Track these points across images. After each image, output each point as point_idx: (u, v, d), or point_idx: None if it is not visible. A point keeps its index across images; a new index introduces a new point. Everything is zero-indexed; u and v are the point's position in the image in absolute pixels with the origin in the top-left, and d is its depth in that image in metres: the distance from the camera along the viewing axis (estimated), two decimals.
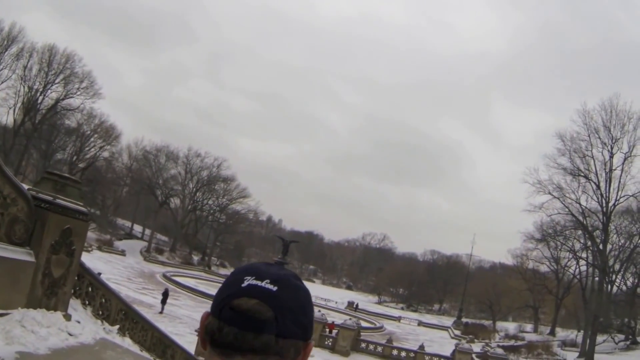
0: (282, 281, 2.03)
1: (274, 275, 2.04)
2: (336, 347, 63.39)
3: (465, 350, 63.55)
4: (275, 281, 2.01)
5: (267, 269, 2.09)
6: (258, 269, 2.09)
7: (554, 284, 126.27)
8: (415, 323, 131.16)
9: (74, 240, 23.05)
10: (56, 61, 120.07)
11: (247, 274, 2.05)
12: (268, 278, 2.02)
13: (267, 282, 2.00)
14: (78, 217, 23.24)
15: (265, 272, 2.06)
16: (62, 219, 22.47)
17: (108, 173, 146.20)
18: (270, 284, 2.00)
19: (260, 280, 2.01)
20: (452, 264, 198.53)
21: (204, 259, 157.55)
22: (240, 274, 2.07)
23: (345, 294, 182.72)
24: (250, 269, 2.10)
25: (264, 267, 2.11)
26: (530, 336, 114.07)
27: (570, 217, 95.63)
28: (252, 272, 2.06)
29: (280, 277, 2.04)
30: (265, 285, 1.99)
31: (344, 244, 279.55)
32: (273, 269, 2.10)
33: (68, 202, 22.76)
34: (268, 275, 2.03)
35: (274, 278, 2.02)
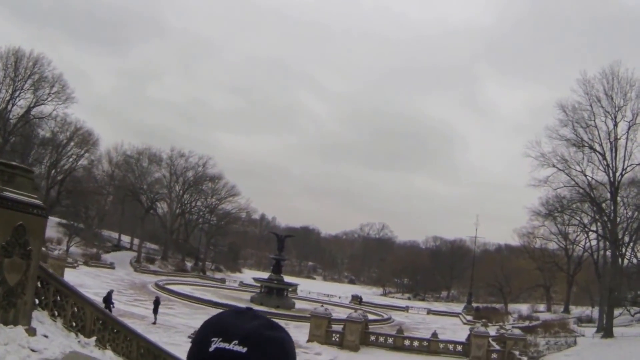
0: (252, 338, 1.96)
1: (243, 332, 1.96)
2: (344, 342, 59.57)
3: (481, 334, 59.83)
4: (244, 340, 1.94)
5: (235, 323, 2.01)
6: (225, 326, 2.00)
7: (564, 260, 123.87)
8: (424, 312, 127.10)
9: (30, 239, 19.56)
10: (23, 65, 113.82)
11: (213, 334, 1.97)
12: (236, 338, 1.94)
13: (235, 343, 1.93)
14: (32, 211, 19.77)
15: (232, 330, 1.97)
16: (13, 214, 19.27)
17: (89, 182, 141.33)
18: (239, 345, 1.93)
19: (228, 342, 1.93)
20: (457, 249, 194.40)
21: (197, 265, 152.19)
22: (207, 332, 2.00)
23: (348, 288, 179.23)
24: (217, 326, 2.02)
25: (232, 321, 2.03)
26: (545, 315, 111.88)
27: (576, 190, 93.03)
28: (219, 331, 1.97)
29: (250, 334, 1.97)
30: (233, 348, 1.92)
31: (342, 237, 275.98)
32: (241, 322, 2.02)
33: (19, 194, 19.08)
34: (236, 334, 1.95)
35: (242, 336, 1.95)
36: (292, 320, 78.62)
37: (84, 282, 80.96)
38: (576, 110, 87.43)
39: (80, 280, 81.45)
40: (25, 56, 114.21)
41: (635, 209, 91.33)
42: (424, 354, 60.99)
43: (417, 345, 63.23)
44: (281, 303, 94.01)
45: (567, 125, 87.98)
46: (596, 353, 64.15)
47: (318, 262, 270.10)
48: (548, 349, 68.27)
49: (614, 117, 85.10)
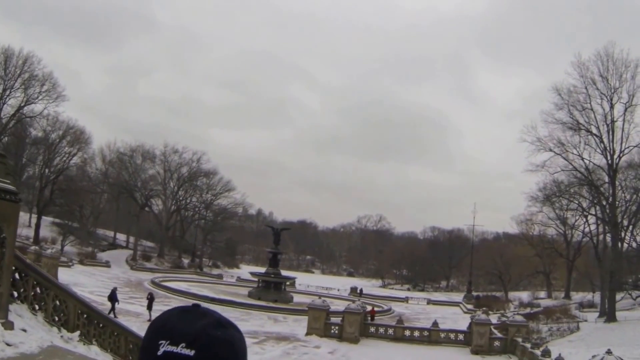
0: (199, 340, 1.96)
1: (189, 334, 1.96)
2: (343, 335, 58.38)
3: (482, 321, 58.65)
4: (191, 343, 1.94)
5: (182, 325, 2.00)
6: (172, 328, 1.99)
7: (563, 246, 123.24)
8: (424, 302, 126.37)
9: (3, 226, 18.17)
10: (12, 64, 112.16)
11: (161, 337, 1.97)
12: (183, 340, 1.94)
13: (183, 346, 1.93)
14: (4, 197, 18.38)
15: (179, 332, 1.97)
16: None
17: (83, 181, 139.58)
18: (186, 347, 1.93)
19: (176, 345, 1.93)
20: (455, 239, 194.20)
21: (194, 261, 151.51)
22: (156, 335, 2.00)
23: (347, 280, 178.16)
24: (163, 328, 2.01)
25: (179, 322, 2.02)
26: (546, 302, 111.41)
27: (574, 174, 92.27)
28: (166, 334, 1.97)
29: (197, 335, 1.97)
30: (181, 351, 1.92)
31: (340, 229, 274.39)
32: (188, 323, 2.01)
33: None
34: (182, 336, 1.96)
35: (189, 339, 1.95)
36: (290, 313, 77.88)
37: (79, 281, 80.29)
38: (571, 93, 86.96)
39: (75, 279, 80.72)
40: (14, 54, 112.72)
41: (634, 192, 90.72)
42: (425, 344, 59.93)
43: (418, 336, 62.13)
44: (279, 297, 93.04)
45: (563, 108, 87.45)
46: (600, 338, 63.30)
47: (316, 255, 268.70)
48: (551, 335, 67.51)
49: (610, 99, 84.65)
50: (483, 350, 56.02)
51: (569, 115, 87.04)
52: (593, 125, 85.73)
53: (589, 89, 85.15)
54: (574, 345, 60.04)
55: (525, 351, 49.80)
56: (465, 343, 59.73)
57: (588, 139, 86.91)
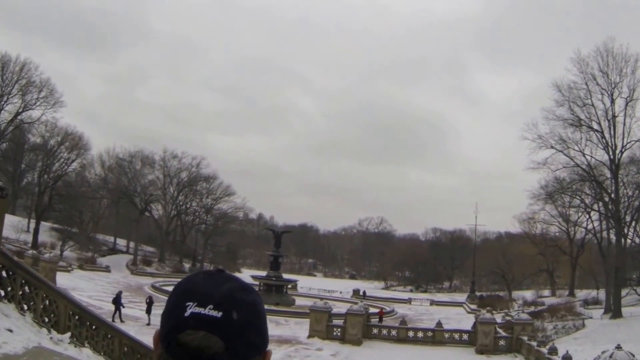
0: (226, 302, 1.97)
1: (217, 296, 1.98)
2: (346, 337, 57.54)
3: (487, 320, 57.80)
4: (218, 304, 1.95)
5: (208, 288, 2.02)
6: (199, 290, 2.00)
7: (566, 244, 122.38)
8: (427, 303, 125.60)
9: None
10: (9, 70, 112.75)
11: (188, 299, 1.98)
12: (211, 302, 1.95)
13: (211, 307, 1.94)
14: None
15: (207, 294, 1.98)
16: None
17: (82, 187, 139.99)
18: (214, 309, 1.94)
19: (203, 307, 1.94)
20: (457, 239, 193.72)
21: (195, 266, 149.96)
22: (182, 297, 2.00)
23: (350, 283, 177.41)
24: (191, 291, 2.01)
25: (204, 285, 2.03)
26: (550, 300, 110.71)
27: (576, 170, 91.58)
28: (194, 296, 1.97)
29: (223, 298, 1.98)
30: (209, 313, 1.93)
31: (341, 232, 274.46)
32: (214, 286, 2.02)
33: None
34: (210, 298, 1.96)
35: (217, 300, 1.96)
36: (291, 316, 77.24)
37: (78, 286, 79.67)
38: (572, 89, 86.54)
39: (73, 283, 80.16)
40: (11, 61, 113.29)
41: (636, 188, 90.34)
42: (429, 345, 59.16)
43: (422, 336, 61.37)
44: (281, 300, 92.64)
45: (564, 105, 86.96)
46: (606, 334, 62.66)
47: (318, 259, 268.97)
48: (556, 333, 66.79)
49: (611, 94, 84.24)
50: (488, 349, 55.21)
51: (569, 112, 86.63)
52: (594, 121, 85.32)
53: (589, 84, 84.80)
54: (580, 343, 59.39)
55: (531, 350, 49.00)
56: (470, 343, 58.88)
57: (589, 134, 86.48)
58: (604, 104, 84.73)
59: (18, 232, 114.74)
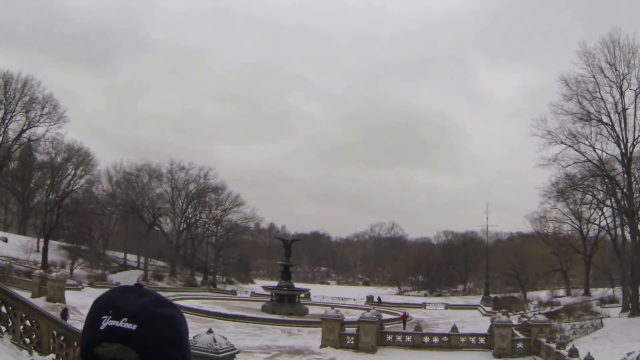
0: (142, 315, 2.00)
1: (132, 309, 2.01)
2: (360, 345, 56.37)
3: (503, 323, 56.52)
4: (133, 317, 1.98)
5: (124, 301, 2.05)
6: (114, 304, 2.04)
7: (579, 242, 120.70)
8: (441, 307, 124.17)
9: None
10: (12, 88, 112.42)
11: (103, 312, 2.01)
12: (125, 315, 1.99)
13: (125, 320, 1.98)
14: None
15: (122, 307, 2.01)
16: None
17: (90, 203, 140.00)
18: (128, 322, 1.97)
19: (118, 320, 1.98)
20: (469, 241, 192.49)
21: (207, 279, 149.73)
22: (98, 311, 2.04)
23: (363, 290, 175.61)
24: (106, 304, 2.05)
25: (121, 298, 2.06)
26: (565, 300, 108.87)
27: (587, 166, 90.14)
28: (108, 309, 2.01)
29: (139, 310, 2.01)
30: (123, 326, 1.97)
31: (353, 239, 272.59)
32: (131, 300, 2.05)
33: None
34: (125, 311, 2.00)
35: (131, 314, 1.99)
36: (304, 326, 76.07)
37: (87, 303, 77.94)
38: (579, 83, 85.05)
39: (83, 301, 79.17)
40: (13, 78, 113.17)
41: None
42: (445, 350, 57.93)
43: (437, 342, 60.16)
44: (293, 310, 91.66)
45: (572, 99, 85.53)
46: (626, 333, 61.27)
47: (331, 266, 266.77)
48: (574, 334, 65.36)
49: (620, 87, 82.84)
50: (506, 353, 53.93)
51: (578, 106, 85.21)
52: (604, 114, 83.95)
53: (597, 77, 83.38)
54: (599, 343, 58.01)
55: (550, 352, 47.69)
56: (486, 346, 57.63)
57: (600, 128, 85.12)
58: (613, 97, 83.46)
59: (27, 252, 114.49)
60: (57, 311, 63.58)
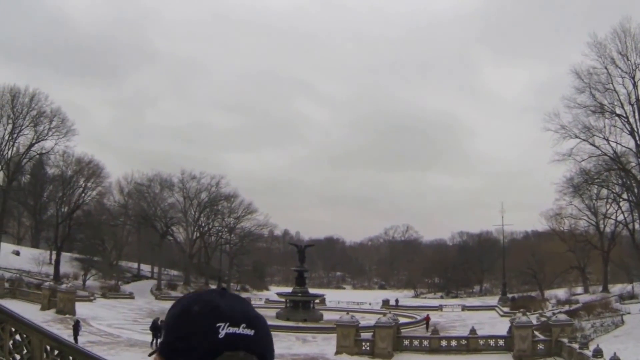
0: (254, 320, 2.07)
1: (245, 316, 2.06)
2: (375, 351, 55.03)
3: (523, 324, 55.07)
4: (249, 323, 2.04)
5: (231, 307, 2.07)
6: (226, 310, 2.05)
7: (596, 238, 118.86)
8: (458, 309, 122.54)
9: None
10: (19, 102, 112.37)
11: (219, 320, 2.02)
12: (243, 322, 2.03)
13: (244, 326, 2.02)
14: None
15: (236, 314, 2.05)
16: None
17: (102, 215, 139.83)
18: (247, 328, 2.02)
19: (237, 326, 2.02)
20: (484, 241, 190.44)
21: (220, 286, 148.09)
22: (211, 318, 2.03)
23: (379, 294, 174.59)
24: (220, 312, 2.05)
25: (226, 305, 2.08)
26: (584, 297, 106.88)
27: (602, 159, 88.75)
28: (224, 317, 2.03)
29: (251, 316, 2.08)
30: (243, 332, 2.02)
31: (367, 243, 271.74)
32: (235, 305, 2.09)
33: None
34: (240, 318, 2.04)
35: (247, 320, 2.04)
36: (319, 332, 74.96)
37: (98, 314, 78.53)
38: (591, 75, 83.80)
39: (94, 312, 79.08)
40: (20, 93, 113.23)
41: None
42: (464, 354, 56.60)
43: (455, 345, 58.79)
44: (308, 316, 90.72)
45: (584, 91, 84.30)
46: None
47: (346, 271, 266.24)
48: (595, 332, 63.82)
49: (633, 77, 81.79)
50: (526, 355, 52.50)
51: (591, 98, 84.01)
52: (617, 106, 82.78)
53: (609, 68, 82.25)
54: (621, 341, 56.55)
55: (573, 352, 46.21)
56: (506, 349, 56.19)
57: (614, 120, 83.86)
58: (625, 88, 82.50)
59: (40, 265, 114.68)
60: (68, 323, 62.84)
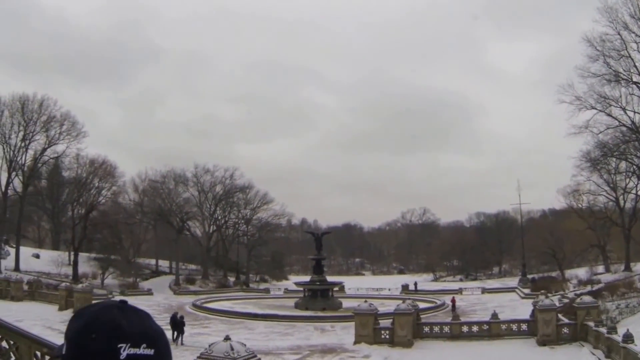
0: (152, 337, 2.08)
1: (145, 335, 2.07)
2: (395, 339, 53.62)
3: (547, 307, 53.21)
4: (150, 343, 2.05)
5: (133, 325, 2.08)
6: (126, 330, 2.06)
7: (616, 214, 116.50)
8: (478, 292, 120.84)
9: None
10: (29, 109, 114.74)
11: (120, 340, 2.03)
12: (144, 342, 2.05)
13: (144, 346, 2.04)
14: None
15: (136, 333, 2.06)
16: None
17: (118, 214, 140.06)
18: (147, 348, 2.04)
19: (138, 347, 2.03)
20: (501, 222, 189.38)
21: (238, 279, 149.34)
22: (112, 339, 2.03)
23: (398, 279, 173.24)
24: (121, 333, 2.06)
25: (127, 322, 2.08)
26: (605, 277, 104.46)
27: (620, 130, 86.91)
28: (125, 337, 2.04)
29: (151, 334, 2.09)
30: (143, 352, 2.03)
31: (385, 228, 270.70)
32: (136, 323, 2.10)
33: None
34: (141, 338, 2.05)
35: (147, 339, 2.06)
36: (337, 321, 73.98)
37: None
38: (604, 42, 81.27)
39: None
40: (29, 100, 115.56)
41: None
42: (486, 339, 55.02)
43: (477, 330, 57.24)
44: (327, 304, 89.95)
45: (598, 59, 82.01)
46: None
47: (365, 257, 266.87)
48: (620, 314, 62.06)
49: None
50: (551, 339, 50.70)
51: (605, 67, 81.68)
52: (634, 73, 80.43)
53: (622, 34, 79.59)
54: None
55: (600, 337, 44.33)
56: (529, 333, 54.52)
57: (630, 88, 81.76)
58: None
59: (59, 266, 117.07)
60: None
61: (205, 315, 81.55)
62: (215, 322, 75.49)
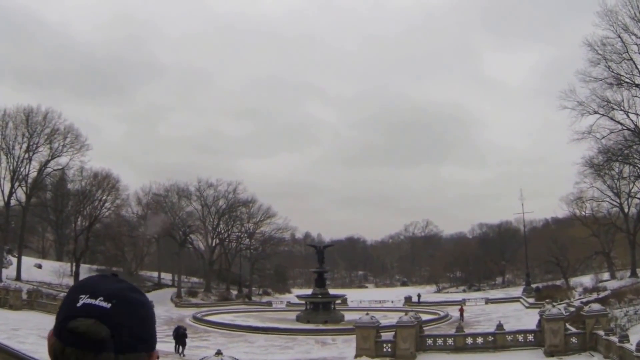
0: (117, 297, 2.17)
1: (109, 291, 2.18)
2: (397, 352, 52.26)
3: (554, 316, 51.75)
4: (109, 298, 2.15)
5: (102, 284, 2.23)
6: (93, 285, 2.21)
7: (620, 220, 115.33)
8: (482, 302, 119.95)
9: None
10: (33, 121, 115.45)
11: (82, 292, 2.18)
12: (102, 295, 2.15)
13: (101, 299, 2.14)
14: None
15: (99, 289, 2.18)
16: None
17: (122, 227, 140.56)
18: (104, 301, 2.14)
19: (95, 298, 2.14)
20: (504, 232, 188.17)
21: (241, 292, 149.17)
22: (76, 292, 2.20)
23: (401, 291, 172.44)
24: (85, 286, 2.23)
25: (100, 282, 2.25)
26: (611, 284, 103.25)
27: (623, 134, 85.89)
28: (87, 290, 2.18)
29: (115, 293, 2.19)
30: (99, 304, 2.13)
31: (388, 241, 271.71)
32: (108, 284, 2.23)
33: None
34: (102, 292, 2.17)
35: (108, 294, 2.16)
36: (339, 334, 73.03)
37: None
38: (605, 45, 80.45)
39: None
40: (34, 112, 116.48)
41: None
42: (491, 351, 53.66)
43: (482, 342, 55.79)
44: (329, 317, 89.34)
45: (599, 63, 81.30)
46: None
47: (368, 270, 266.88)
48: (629, 321, 60.50)
49: None
50: (559, 350, 49.14)
51: (607, 70, 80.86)
52: (636, 76, 79.53)
53: (622, 36, 78.87)
54: None
55: (611, 346, 42.70)
56: (536, 344, 53.03)
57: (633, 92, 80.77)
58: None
59: (60, 277, 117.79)
60: None
61: (204, 328, 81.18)
62: (214, 335, 74.84)
